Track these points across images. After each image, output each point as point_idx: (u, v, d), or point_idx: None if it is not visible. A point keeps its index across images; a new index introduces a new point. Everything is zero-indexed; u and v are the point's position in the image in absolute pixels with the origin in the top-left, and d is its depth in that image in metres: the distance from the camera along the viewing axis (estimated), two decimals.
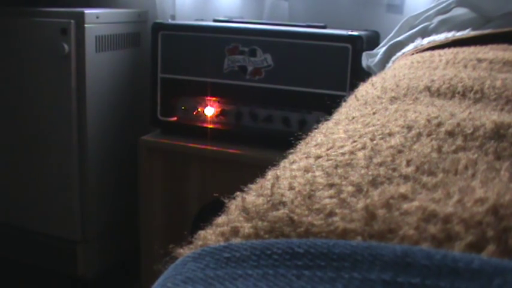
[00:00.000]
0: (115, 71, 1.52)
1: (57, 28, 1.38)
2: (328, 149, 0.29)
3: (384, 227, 0.18)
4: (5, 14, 1.49)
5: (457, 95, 0.39)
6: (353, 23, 1.40)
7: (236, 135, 1.35)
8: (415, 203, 0.19)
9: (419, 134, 0.28)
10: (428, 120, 0.30)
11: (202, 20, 1.55)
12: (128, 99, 1.59)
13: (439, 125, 0.29)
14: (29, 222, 1.55)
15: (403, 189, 0.21)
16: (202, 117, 1.38)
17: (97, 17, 1.42)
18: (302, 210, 0.21)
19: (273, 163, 0.31)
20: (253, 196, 0.24)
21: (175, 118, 1.41)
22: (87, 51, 1.40)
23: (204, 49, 1.34)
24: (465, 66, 0.50)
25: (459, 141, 0.27)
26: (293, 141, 0.37)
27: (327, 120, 0.40)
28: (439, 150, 0.26)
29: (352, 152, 0.27)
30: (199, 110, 1.38)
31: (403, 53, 0.78)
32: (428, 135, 0.28)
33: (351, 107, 0.42)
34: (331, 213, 0.20)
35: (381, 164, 0.24)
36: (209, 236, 0.22)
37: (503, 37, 0.65)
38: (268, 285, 0.16)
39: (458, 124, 0.29)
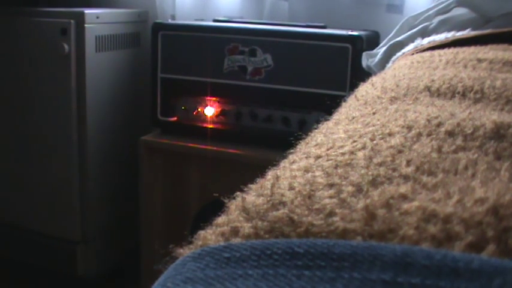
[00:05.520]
0: (115, 71, 1.52)
1: (57, 28, 1.38)
2: (328, 149, 0.29)
3: (384, 227, 0.18)
4: (5, 14, 1.49)
5: (457, 95, 0.39)
6: (353, 23, 1.40)
7: (236, 135, 1.35)
8: (415, 203, 0.19)
9: (419, 134, 0.28)
10: (428, 120, 0.30)
11: (202, 20, 1.55)
12: (128, 99, 1.59)
13: (439, 125, 0.29)
14: (29, 222, 1.55)
15: (403, 189, 0.21)
16: (202, 117, 1.38)
17: (97, 17, 1.42)
18: (302, 210, 0.21)
19: (273, 163, 0.31)
20: (253, 196, 0.24)
21: (175, 118, 1.41)
22: (87, 51, 1.40)
23: (204, 49, 1.34)
24: (465, 66, 0.50)
25: (459, 141, 0.27)
26: (293, 141, 0.37)
27: (327, 120, 0.40)
28: (439, 150, 0.26)
29: (352, 152, 0.27)
30: (199, 110, 1.38)
31: (403, 53, 0.78)
32: (428, 135, 0.28)
33: (351, 107, 0.42)
34: (331, 213, 0.20)
35: (381, 164, 0.24)
36: (209, 236, 0.22)
37: (503, 37, 0.65)
38: (268, 285, 0.16)
39: (458, 124, 0.29)
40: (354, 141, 0.29)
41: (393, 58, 0.83)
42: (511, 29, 0.69)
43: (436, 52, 0.62)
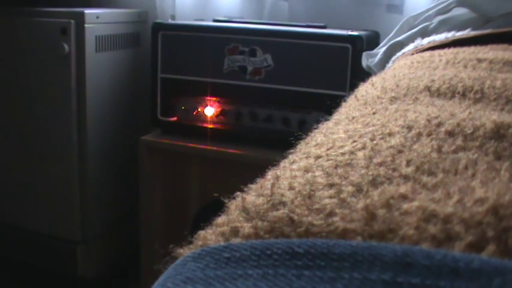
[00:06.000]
0: (115, 71, 1.52)
1: (57, 28, 1.38)
2: (328, 149, 0.29)
3: (383, 227, 0.18)
4: (5, 14, 1.49)
5: (457, 95, 0.39)
6: (353, 23, 1.40)
7: (236, 135, 1.35)
8: (415, 203, 0.19)
9: (419, 134, 0.28)
10: (428, 120, 0.30)
11: (202, 20, 1.55)
12: (128, 99, 1.59)
13: (439, 125, 0.29)
14: (29, 222, 1.55)
15: (403, 189, 0.21)
16: (202, 117, 1.38)
17: (97, 17, 1.42)
18: (302, 210, 0.21)
19: (273, 163, 0.31)
20: (253, 196, 0.24)
21: (175, 118, 1.41)
22: (87, 51, 1.40)
23: (204, 49, 1.34)
24: (465, 66, 0.50)
25: (459, 141, 0.27)
26: (293, 141, 0.37)
27: (327, 120, 0.40)
28: (439, 150, 0.26)
29: (352, 152, 0.27)
30: (199, 110, 1.38)
31: (403, 53, 0.78)
32: (428, 135, 0.28)
33: (351, 107, 0.42)
34: (331, 213, 0.20)
35: (381, 164, 0.24)
36: (209, 236, 0.22)
37: (503, 37, 0.65)
38: (268, 285, 0.16)
39: (458, 124, 0.29)
40: (354, 141, 0.29)
41: (393, 58, 0.83)
42: (511, 29, 0.69)
43: (436, 52, 0.62)
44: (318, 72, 1.25)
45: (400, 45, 0.84)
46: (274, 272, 0.17)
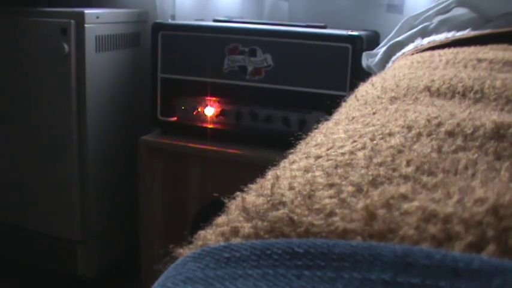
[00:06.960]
0: (115, 71, 1.52)
1: (57, 28, 1.38)
2: (328, 149, 0.29)
3: (383, 227, 0.18)
4: (5, 14, 1.49)
5: (457, 95, 0.39)
6: (353, 23, 1.40)
7: (236, 135, 1.35)
8: (415, 203, 0.19)
9: (419, 134, 0.28)
10: (428, 120, 0.30)
11: (202, 20, 1.55)
12: (128, 99, 1.59)
13: (439, 125, 0.29)
14: (29, 222, 1.55)
15: (403, 189, 0.21)
16: (202, 117, 1.38)
17: (97, 17, 1.42)
18: (302, 210, 0.21)
19: (273, 163, 0.31)
20: (253, 196, 0.24)
21: (175, 118, 1.41)
22: (87, 51, 1.40)
23: (204, 49, 1.34)
24: (465, 66, 0.50)
25: (459, 141, 0.27)
26: (293, 141, 0.37)
27: (327, 120, 0.40)
28: (439, 150, 0.26)
29: (352, 152, 0.27)
30: (199, 110, 1.38)
31: (403, 53, 0.78)
32: (428, 135, 0.28)
33: (351, 107, 0.42)
34: (331, 213, 0.20)
35: (381, 164, 0.24)
36: (209, 236, 0.22)
37: (503, 37, 0.65)
38: (268, 285, 0.16)
39: (458, 124, 0.29)
40: (354, 141, 0.29)
41: (393, 58, 0.83)
42: (511, 29, 0.69)
43: (436, 52, 0.62)
44: (318, 72, 1.25)
45: (400, 45, 0.84)
46: (274, 272, 0.17)
